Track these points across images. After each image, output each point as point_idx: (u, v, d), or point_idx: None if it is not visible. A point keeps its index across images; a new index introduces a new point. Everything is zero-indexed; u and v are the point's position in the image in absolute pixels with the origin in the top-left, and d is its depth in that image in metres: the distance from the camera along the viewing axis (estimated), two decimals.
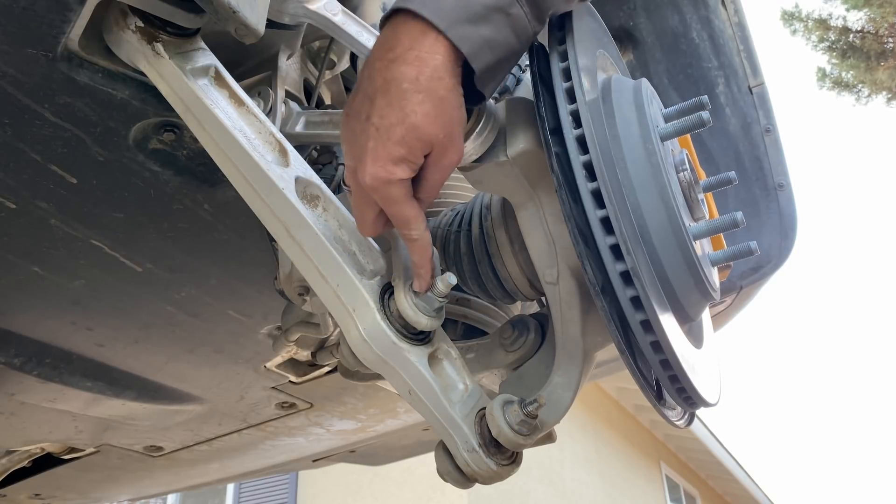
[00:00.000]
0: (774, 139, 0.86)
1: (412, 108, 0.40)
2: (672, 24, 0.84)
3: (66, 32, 0.49)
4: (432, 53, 0.40)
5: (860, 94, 7.13)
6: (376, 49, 0.42)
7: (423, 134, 0.41)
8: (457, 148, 0.43)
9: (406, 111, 0.40)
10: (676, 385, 0.44)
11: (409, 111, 0.40)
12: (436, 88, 0.40)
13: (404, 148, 0.41)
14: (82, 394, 0.88)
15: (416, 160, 0.42)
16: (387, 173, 0.41)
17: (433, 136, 0.41)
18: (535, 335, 0.53)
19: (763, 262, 0.86)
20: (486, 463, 0.45)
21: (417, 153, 0.41)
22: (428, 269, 0.46)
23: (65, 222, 0.65)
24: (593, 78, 0.46)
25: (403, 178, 0.42)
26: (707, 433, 6.21)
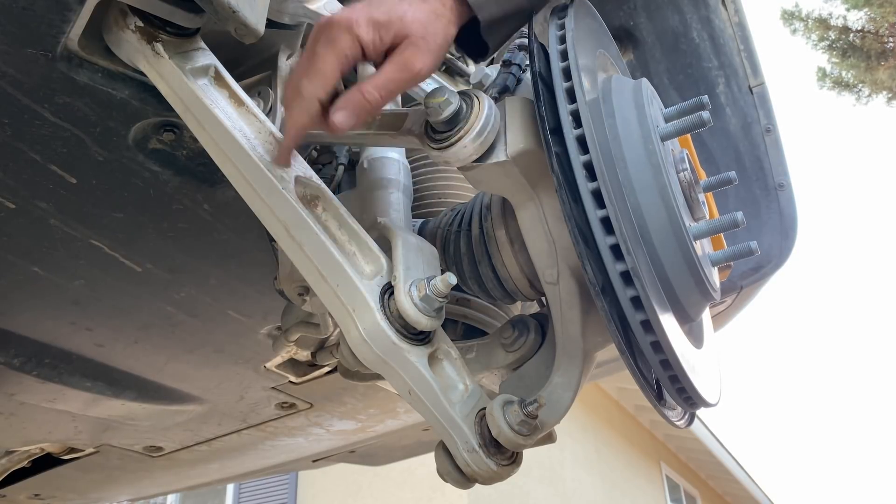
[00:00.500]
0: (775, 139, 0.86)
1: (404, 6, 0.42)
2: (672, 24, 0.84)
3: (66, 32, 0.49)
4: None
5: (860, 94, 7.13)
6: None
7: (405, 16, 0.42)
8: (425, 58, 0.43)
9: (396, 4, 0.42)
10: (677, 385, 0.44)
11: (399, 4, 0.42)
12: (431, 19, 0.42)
13: (383, 16, 0.42)
14: (82, 394, 0.88)
15: (385, 32, 0.42)
16: (357, 19, 0.42)
17: (412, 23, 0.42)
18: (536, 335, 0.53)
19: (763, 262, 0.86)
20: (486, 463, 0.45)
21: (391, 27, 0.42)
22: (295, 132, 0.45)
23: (64, 222, 0.65)
24: (593, 78, 0.46)
25: (360, 33, 0.42)
26: (707, 433, 6.20)
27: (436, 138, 0.46)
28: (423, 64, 0.43)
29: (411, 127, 0.50)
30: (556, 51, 0.45)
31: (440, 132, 0.46)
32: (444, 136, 0.46)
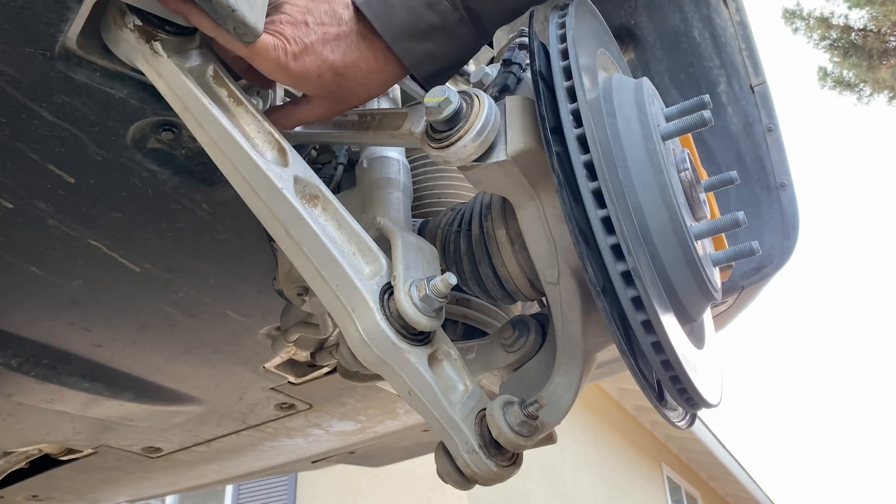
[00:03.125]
0: (776, 138, 0.85)
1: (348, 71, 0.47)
2: (673, 23, 0.84)
3: (64, 31, 0.49)
4: (385, 65, 0.46)
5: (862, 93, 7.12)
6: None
7: (334, 83, 0.46)
8: (324, 115, 0.48)
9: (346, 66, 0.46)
10: (678, 386, 0.44)
11: (346, 71, 0.46)
12: (368, 82, 0.47)
13: (316, 68, 0.46)
14: (80, 395, 0.88)
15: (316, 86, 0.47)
16: (283, 52, 0.46)
17: (334, 92, 0.47)
18: (536, 336, 0.53)
19: (765, 262, 0.86)
20: (486, 464, 0.44)
21: (315, 86, 0.47)
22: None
23: (62, 222, 0.65)
24: (594, 77, 0.46)
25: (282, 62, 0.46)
26: (709, 434, 6.20)
27: (436, 137, 0.46)
28: (321, 116, 0.49)
29: (411, 126, 0.50)
30: (557, 50, 0.45)
31: (440, 131, 0.46)
32: (444, 136, 0.46)
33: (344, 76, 0.47)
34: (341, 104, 0.49)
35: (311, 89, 0.48)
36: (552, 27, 0.47)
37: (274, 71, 0.47)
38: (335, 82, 0.47)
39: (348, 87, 0.47)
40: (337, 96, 0.48)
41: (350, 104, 0.50)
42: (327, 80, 0.47)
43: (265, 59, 0.46)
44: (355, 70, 0.47)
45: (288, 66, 0.46)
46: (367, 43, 0.46)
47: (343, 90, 0.48)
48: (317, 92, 0.48)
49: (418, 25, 0.45)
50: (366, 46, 0.46)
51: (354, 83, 0.47)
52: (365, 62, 0.46)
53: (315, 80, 0.47)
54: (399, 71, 0.48)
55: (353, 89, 0.48)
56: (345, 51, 0.46)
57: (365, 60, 0.46)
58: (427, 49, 0.46)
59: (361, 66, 0.46)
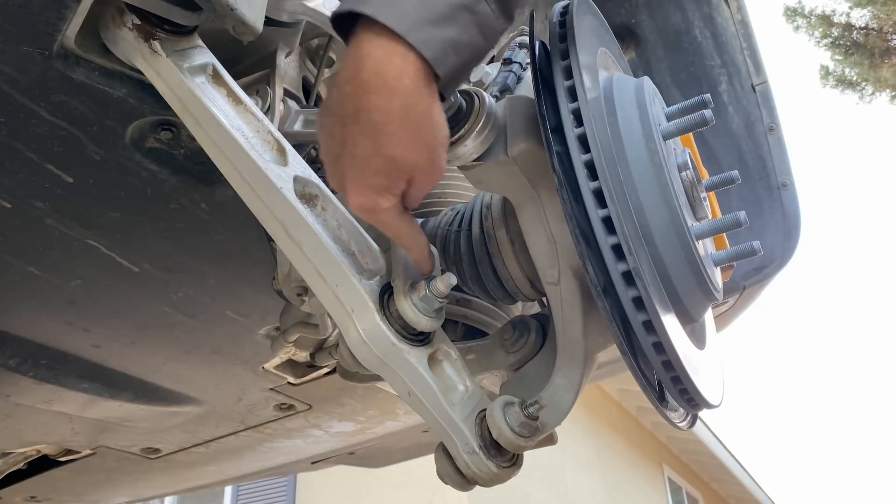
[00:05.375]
0: (778, 138, 0.85)
1: (386, 139, 0.38)
2: (674, 22, 0.84)
3: (63, 30, 0.49)
4: (399, 77, 0.37)
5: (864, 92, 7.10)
6: (343, 71, 0.39)
7: (401, 164, 0.39)
8: (438, 169, 0.41)
9: (380, 143, 0.38)
10: (679, 386, 0.43)
11: (384, 143, 0.38)
12: (409, 117, 0.38)
13: (384, 178, 0.40)
14: (79, 395, 0.88)
15: (397, 188, 0.41)
16: (371, 203, 0.41)
17: (412, 163, 0.40)
18: (536, 336, 0.53)
19: (766, 262, 0.86)
20: (486, 465, 0.44)
21: (398, 182, 0.40)
22: (428, 264, 0.46)
23: (61, 222, 0.64)
24: (595, 76, 0.46)
25: (388, 206, 0.41)
26: (710, 435, 6.19)
27: None
28: (438, 174, 0.42)
29: None
30: (557, 49, 0.45)
31: None
32: None
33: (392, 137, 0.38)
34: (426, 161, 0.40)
35: (398, 183, 0.40)
36: (552, 26, 0.46)
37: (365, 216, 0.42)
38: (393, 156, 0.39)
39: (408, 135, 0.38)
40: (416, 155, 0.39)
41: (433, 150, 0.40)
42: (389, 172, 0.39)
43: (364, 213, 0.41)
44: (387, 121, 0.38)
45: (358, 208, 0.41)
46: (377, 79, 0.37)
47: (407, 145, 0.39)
48: (403, 179, 0.40)
49: (435, 7, 0.37)
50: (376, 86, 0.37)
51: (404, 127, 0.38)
52: (388, 98, 0.37)
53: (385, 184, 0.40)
54: (428, 68, 0.38)
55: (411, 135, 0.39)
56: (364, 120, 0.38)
57: (386, 97, 0.37)
58: (449, 36, 0.38)
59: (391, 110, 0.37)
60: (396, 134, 0.38)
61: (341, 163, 0.41)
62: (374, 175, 0.40)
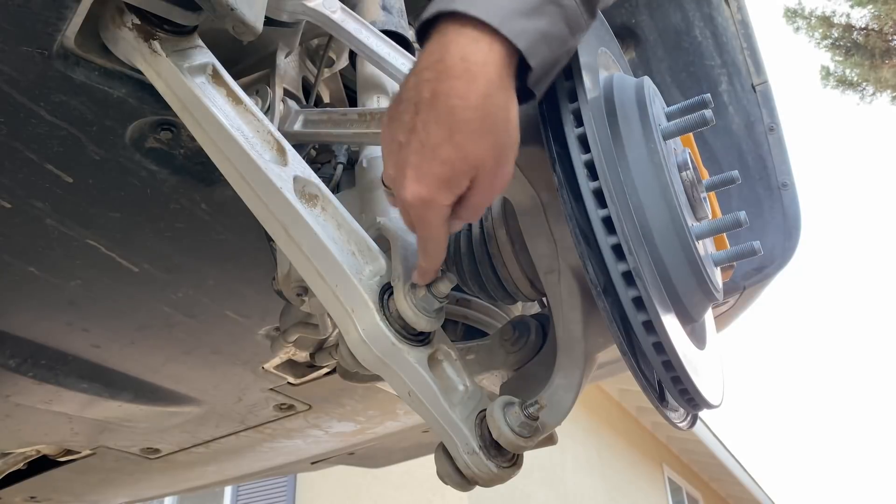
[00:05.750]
0: (778, 138, 0.85)
1: (460, 127, 0.37)
2: (675, 22, 0.84)
3: (62, 30, 0.49)
4: (484, 64, 0.36)
5: (864, 93, 7.09)
6: (424, 57, 0.39)
7: (470, 156, 0.38)
8: (506, 171, 0.40)
9: (454, 130, 0.37)
10: (679, 386, 0.43)
11: (457, 130, 0.37)
12: (487, 106, 0.37)
13: (449, 169, 0.38)
14: (78, 395, 0.88)
15: (460, 184, 0.39)
16: (430, 194, 0.39)
17: (481, 159, 0.38)
18: (536, 336, 0.53)
19: (766, 262, 0.86)
20: (486, 465, 0.44)
21: (462, 176, 0.38)
22: (433, 273, 0.45)
23: (61, 222, 0.64)
24: (595, 76, 0.46)
25: (445, 203, 0.39)
26: (710, 435, 6.19)
27: None
28: (505, 178, 0.40)
29: None
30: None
31: None
32: None
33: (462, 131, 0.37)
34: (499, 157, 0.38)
35: (461, 180, 0.38)
36: None
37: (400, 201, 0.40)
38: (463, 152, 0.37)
39: (481, 132, 0.37)
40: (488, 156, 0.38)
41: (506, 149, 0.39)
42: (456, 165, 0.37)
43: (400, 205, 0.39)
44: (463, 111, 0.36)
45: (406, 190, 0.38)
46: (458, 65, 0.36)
47: (479, 142, 0.37)
48: (467, 177, 0.38)
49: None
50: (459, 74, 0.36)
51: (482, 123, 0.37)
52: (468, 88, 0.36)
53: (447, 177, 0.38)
54: (512, 60, 0.37)
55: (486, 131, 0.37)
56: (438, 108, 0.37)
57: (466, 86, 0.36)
58: (540, 27, 0.37)
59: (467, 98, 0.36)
60: (472, 123, 0.37)
61: (406, 150, 0.39)
62: (441, 164, 0.38)
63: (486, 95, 0.37)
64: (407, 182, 0.39)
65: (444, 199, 0.39)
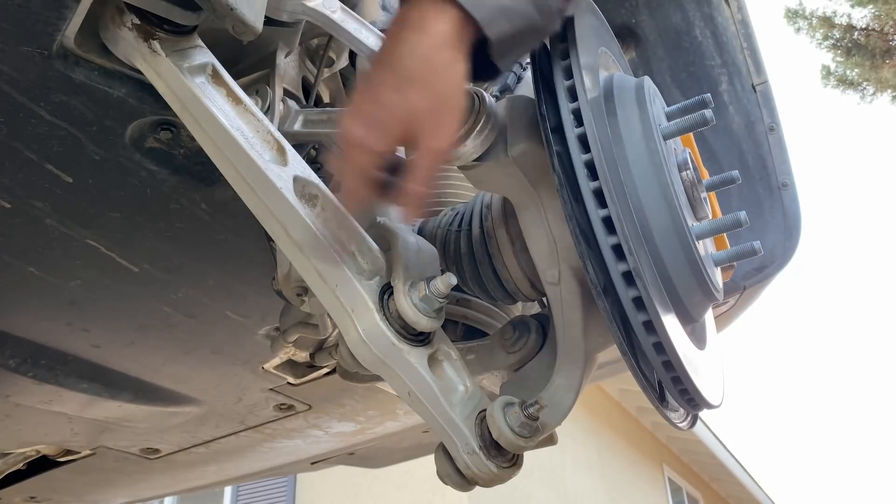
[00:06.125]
0: (778, 138, 0.85)
1: (404, 74, 0.39)
2: (675, 22, 0.84)
3: (62, 30, 0.49)
4: (438, 23, 0.38)
5: (865, 93, 7.08)
6: (391, 20, 0.42)
7: (408, 103, 0.39)
8: (445, 130, 0.41)
9: (398, 78, 0.39)
10: (679, 386, 0.43)
11: (401, 78, 0.39)
12: (433, 60, 0.39)
13: (386, 112, 0.39)
14: (78, 395, 0.88)
15: (394, 129, 0.40)
16: (362, 133, 0.40)
17: (419, 108, 0.39)
18: (536, 336, 0.53)
19: (767, 262, 0.86)
20: (486, 465, 0.44)
21: (398, 122, 0.39)
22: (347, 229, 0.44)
23: (60, 222, 0.64)
24: (595, 76, 0.46)
25: (373, 146, 0.40)
26: (710, 435, 6.19)
27: None
28: (444, 139, 0.41)
29: None
30: (558, 48, 0.45)
31: None
32: None
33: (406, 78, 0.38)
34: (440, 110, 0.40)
35: (395, 128, 0.40)
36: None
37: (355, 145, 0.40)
38: (406, 97, 0.39)
39: (423, 84, 0.39)
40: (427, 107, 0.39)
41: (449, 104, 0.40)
42: (394, 105, 0.39)
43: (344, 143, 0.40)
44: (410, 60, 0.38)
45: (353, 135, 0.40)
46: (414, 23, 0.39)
47: (422, 94, 0.39)
48: (403, 124, 0.40)
49: None
50: (413, 28, 0.38)
51: (426, 75, 0.38)
52: (418, 43, 0.38)
53: (381, 118, 0.39)
54: (467, 31, 0.39)
55: (430, 82, 0.39)
56: (389, 55, 0.39)
57: (417, 41, 0.38)
58: (500, 3, 0.39)
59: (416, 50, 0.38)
60: (415, 72, 0.39)
61: (358, 98, 0.41)
62: (379, 107, 0.39)
63: (434, 49, 0.39)
64: (348, 123, 0.41)
65: (374, 141, 0.40)
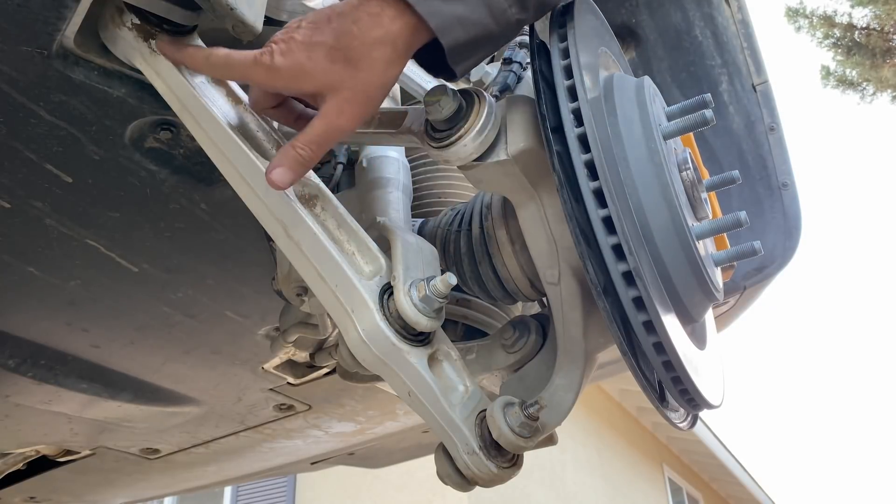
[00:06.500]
0: (778, 138, 0.85)
1: (344, 47, 0.40)
2: (675, 21, 0.84)
3: (62, 30, 0.49)
4: (393, 20, 0.40)
5: (865, 92, 7.07)
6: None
7: (333, 71, 0.40)
8: (354, 114, 0.41)
9: (338, 46, 0.40)
10: (679, 387, 0.43)
11: (340, 48, 0.40)
12: (374, 50, 0.40)
13: (311, 64, 0.40)
14: (78, 395, 0.88)
15: (308, 84, 0.41)
16: (281, 64, 0.40)
17: (340, 81, 0.40)
18: (537, 336, 0.53)
19: (767, 262, 0.85)
20: (486, 465, 0.44)
21: (314, 81, 0.40)
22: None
23: (60, 222, 0.64)
24: (595, 76, 0.46)
25: (285, 84, 0.41)
26: (710, 435, 6.19)
27: (436, 137, 0.46)
28: (347, 122, 0.42)
29: (411, 125, 0.49)
30: (558, 48, 0.45)
31: (440, 131, 0.46)
32: (444, 135, 0.45)
33: (345, 52, 0.40)
34: (359, 95, 0.41)
35: (310, 85, 0.41)
36: (553, 25, 0.46)
37: (263, 77, 0.42)
38: (336, 68, 0.40)
39: (357, 67, 0.40)
40: (349, 86, 0.40)
41: (369, 94, 0.41)
42: (322, 67, 0.40)
43: (251, 70, 0.41)
44: (357, 42, 0.39)
45: (273, 64, 0.40)
46: (372, 13, 0.40)
47: (352, 73, 0.40)
48: (319, 86, 0.41)
49: None
50: (368, 17, 0.40)
51: (363, 61, 0.40)
52: (369, 30, 0.39)
53: (308, 69, 0.40)
54: (419, 37, 0.40)
55: (364, 68, 0.40)
56: (338, 26, 0.40)
57: (368, 29, 0.39)
58: (456, 12, 0.40)
59: (365, 35, 0.39)
60: (353, 51, 0.40)
61: (297, 32, 0.41)
62: (307, 57, 0.40)
63: (379, 42, 0.40)
64: (276, 49, 0.41)
65: (288, 80, 0.41)
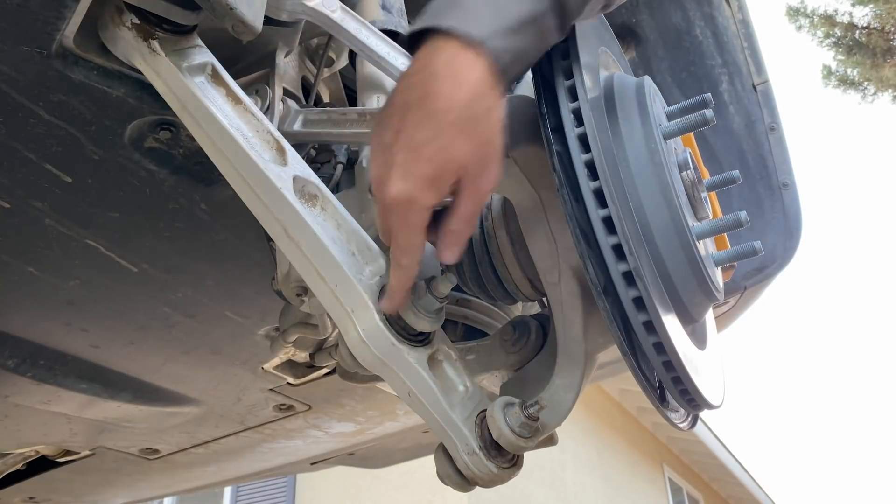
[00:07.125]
0: (779, 137, 0.85)
1: (445, 128, 0.38)
2: (675, 21, 0.84)
3: (61, 29, 0.49)
4: (471, 69, 0.39)
5: (866, 92, 7.06)
6: (413, 65, 0.41)
7: (454, 156, 0.39)
8: (490, 174, 0.41)
9: (439, 131, 0.39)
10: (679, 387, 0.43)
11: (442, 131, 0.39)
12: (472, 109, 0.39)
13: (434, 168, 0.39)
14: (77, 396, 0.88)
15: (443, 184, 0.40)
16: (413, 192, 0.39)
17: (465, 159, 0.39)
18: (537, 336, 0.52)
19: (767, 262, 0.85)
20: (486, 466, 0.44)
21: (447, 176, 0.39)
22: (402, 295, 0.44)
23: (60, 222, 0.64)
24: (595, 75, 0.46)
25: (427, 203, 0.40)
26: (710, 436, 6.19)
27: None
28: (489, 182, 0.41)
29: None
30: (558, 48, 0.45)
31: None
32: None
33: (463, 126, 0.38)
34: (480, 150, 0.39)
35: (435, 171, 0.39)
36: None
37: (383, 201, 0.40)
38: (459, 146, 0.38)
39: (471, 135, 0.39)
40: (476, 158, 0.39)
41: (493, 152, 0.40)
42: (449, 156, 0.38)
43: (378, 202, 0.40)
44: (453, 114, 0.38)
45: (386, 186, 0.39)
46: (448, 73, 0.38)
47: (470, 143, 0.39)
48: (438, 175, 0.39)
49: (506, 20, 0.39)
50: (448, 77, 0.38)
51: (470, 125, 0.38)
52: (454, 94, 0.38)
53: (426, 171, 0.39)
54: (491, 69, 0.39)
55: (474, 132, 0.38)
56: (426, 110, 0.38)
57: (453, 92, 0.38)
58: (518, 47, 0.40)
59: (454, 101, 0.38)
60: (457, 124, 0.39)
61: (392, 150, 0.40)
62: (426, 163, 0.39)
63: (471, 99, 0.39)
64: (392, 180, 0.40)
65: (427, 198, 0.40)
